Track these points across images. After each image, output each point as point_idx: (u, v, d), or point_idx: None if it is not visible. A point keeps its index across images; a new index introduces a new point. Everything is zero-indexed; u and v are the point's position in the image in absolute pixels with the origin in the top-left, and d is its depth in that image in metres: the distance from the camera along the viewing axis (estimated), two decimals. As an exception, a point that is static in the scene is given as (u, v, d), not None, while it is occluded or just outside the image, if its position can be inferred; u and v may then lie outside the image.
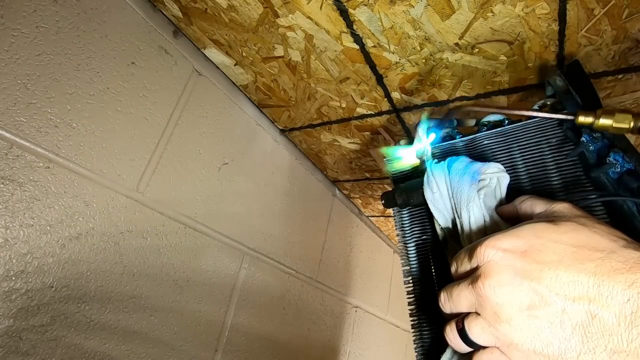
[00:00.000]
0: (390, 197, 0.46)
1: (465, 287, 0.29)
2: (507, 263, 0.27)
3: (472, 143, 0.44)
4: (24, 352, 0.43)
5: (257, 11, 0.53)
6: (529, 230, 0.28)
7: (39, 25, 0.46)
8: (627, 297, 0.23)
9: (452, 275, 0.32)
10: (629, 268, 0.24)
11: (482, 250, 0.28)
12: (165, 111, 0.60)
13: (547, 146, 0.39)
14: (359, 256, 1.17)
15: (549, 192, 0.38)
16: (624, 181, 0.35)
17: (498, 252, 0.28)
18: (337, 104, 0.69)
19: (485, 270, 0.28)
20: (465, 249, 0.31)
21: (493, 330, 0.27)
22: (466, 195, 0.36)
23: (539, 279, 0.26)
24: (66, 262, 0.47)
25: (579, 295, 0.25)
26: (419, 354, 0.42)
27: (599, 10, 0.42)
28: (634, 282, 0.23)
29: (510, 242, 0.28)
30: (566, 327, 0.25)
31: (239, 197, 0.73)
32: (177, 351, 0.59)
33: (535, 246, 0.27)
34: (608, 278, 0.24)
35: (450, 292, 0.30)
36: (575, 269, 0.25)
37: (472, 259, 0.29)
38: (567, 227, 0.27)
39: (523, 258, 0.27)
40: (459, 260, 0.31)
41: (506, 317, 0.26)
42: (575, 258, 0.26)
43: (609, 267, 0.24)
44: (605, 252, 0.25)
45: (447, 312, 0.31)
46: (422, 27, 0.48)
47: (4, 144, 0.43)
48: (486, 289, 0.27)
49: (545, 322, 0.25)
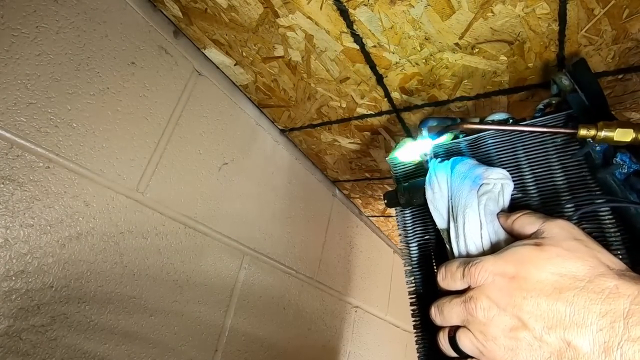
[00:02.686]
0: (393, 197, 0.46)
1: (457, 305, 0.32)
2: (497, 288, 0.29)
3: (476, 142, 0.44)
4: (24, 352, 0.43)
5: (257, 11, 0.53)
6: (516, 255, 0.30)
7: (39, 25, 0.46)
8: (599, 327, 0.25)
9: (438, 282, 0.34)
10: (603, 299, 0.25)
11: (477, 272, 0.30)
12: (166, 111, 0.60)
13: (552, 146, 0.39)
14: (359, 256, 1.17)
15: (554, 193, 0.37)
16: (631, 182, 0.34)
17: (490, 275, 0.30)
18: (337, 104, 0.69)
19: (478, 294, 0.30)
20: (459, 263, 0.33)
21: (480, 345, 0.30)
22: (464, 200, 0.35)
23: (521, 306, 0.28)
24: (66, 262, 0.47)
25: (555, 324, 0.26)
26: (421, 354, 0.41)
27: (599, 11, 0.42)
28: (607, 313, 0.25)
29: (501, 267, 0.30)
30: (544, 351, 0.27)
31: (239, 197, 0.73)
32: (177, 351, 0.59)
33: (521, 273, 0.29)
34: (583, 308, 0.26)
35: (442, 308, 0.33)
36: (554, 298, 0.27)
37: (465, 277, 0.31)
38: (551, 253, 0.29)
39: (511, 283, 0.29)
40: (449, 272, 0.33)
41: (492, 337, 0.29)
42: (555, 287, 0.27)
43: (585, 298, 0.26)
44: (584, 282, 0.27)
45: (437, 324, 0.34)
46: (422, 27, 0.48)
47: (4, 144, 0.43)
48: (478, 311, 0.30)
49: (525, 344, 0.28)
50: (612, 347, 0.24)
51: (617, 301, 0.25)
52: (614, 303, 0.25)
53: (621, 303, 0.24)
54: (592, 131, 0.36)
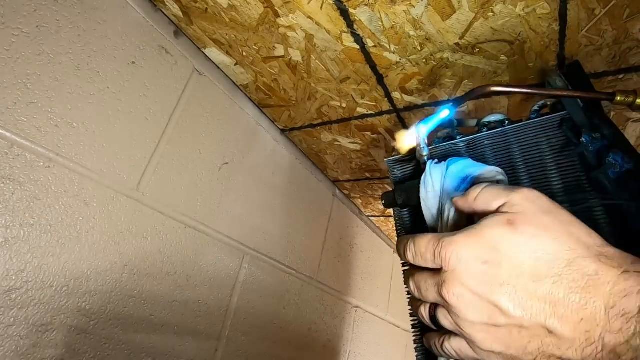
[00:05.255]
0: (391, 197, 0.46)
1: (431, 287, 0.30)
2: (471, 274, 0.28)
3: (472, 143, 0.44)
4: (24, 351, 0.43)
5: (258, 11, 0.53)
6: (489, 236, 0.28)
7: (40, 24, 0.46)
8: (580, 317, 0.24)
9: (408, 259, 0.32)
10: (582, 287, 0.24)
11: (447, 257, 0.29)
12: (166, 111, 0.60)
13: (547, 146, 0.39)
14: (359, 256, 1.17)
15: (550, 193, 0.37)
16: (623, 181, 0.35)
17: (462, 261, 0.28)
18: (338, 103, 0.69)
19: (451, 279, 0.29)
20: (428, 241, 0.31)
21: (458, 328, 0.29)
22: (452, 196, 0.36)
23: (499, 294, 0.27)
24: (66, 262, 0.47)
25: (536, 312, 0.26)
26: (419, 353, 0.42)
27: (599, 10, 0.42)
28: (587, 302, 0.24)
29: (473, 251, 0.28)
30: (524, 336, 0.26)
31: (239, 196, 0.73)
32: (177, 351, 0.59)
33: (496, 258, 0.27)
34: (564, 297, 0.25)
35: (418, 285, 0.32)
36: (533, 286, 0.26)
37: (435, 260, 0.30)
38: (526, 235, 0.27)
39: (485, 269, 0.27)
40: (419, 250, 0.31)
41: (469, 321, 0.28)
42: (532, 273, 0.26)
43: (565, 286, 0.25)
44: (562, 267, 0.26)
45: (417, 298, 0.33)
46: (422, 27, 0.48)
47: (5, 143, 0.43)
48: (451, 297, 0.28)
49: (505, 331, 0.27)
50: (594, 336, 0.23)
51: (598, 290, 0.24)
52: (594, 291, 0.24)
53: (601, 292, 0.24)
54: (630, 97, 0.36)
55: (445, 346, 0.31)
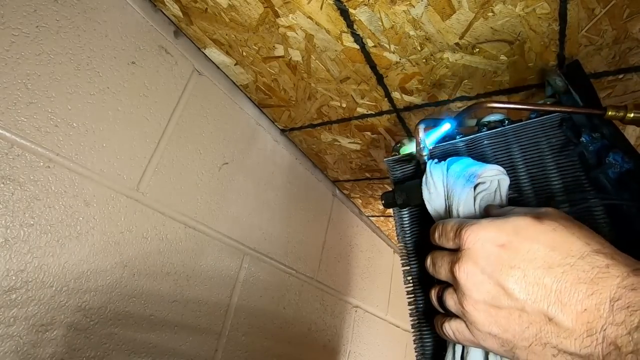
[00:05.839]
0: (390, 197, 0.46)
1: (445, 263, 0.32)
2: (485, 254, 0.29)
3: (472, 143, 0.44)
4: (24, 351, 0.43)
5: (258, 11, 0.53)
6: (512, 223, 0.29)
7: (40, 24, 0.46)
8: (584, 307, 0.24)
9: (434, 238, 0.34)
10: (591, 279, 0.25)
11: (467, 236, 0.30)
12: (166, 111, 0.60)
13: (547, 146, 0.39)
14: (359, 256, 1.17)
15: (549, 192, 0.38)
16: (623, 181, 0.35)
17: (479, 241, 0.30)
18: (338, 103, 0.69)
19: (464, 256, 0.30)
20: (454, 223, 0.33)
21: (460, 307, 0.30)
22: (457, 198, 0.36)
23: (507, 276, 0.28)
24: (66, 262, 0.47)
25: (539, 298, 0.26)
26: (419, 354, 0.42)
27: (599, 10, 0.42)
28: (593, 293, 0.24)
29: (492, 234, 0.29)
30: (524, 321, 0.27)
31: (239, 196, 0.73)
32: (177, 350, 0.59)
33: (513, 242, 0.28)
34: (571, 286, 0.25)
35: (435, 261, 0.34)
36: (543, 272, 0.27)
37: (456, 239, 0.31)
38: (548, 226, 0.28)
39: (500, 251, 0.29)
40: (445, 230, 0.33)
41: (473, 301, 0.29)
42: (545, 260, 0.27)
43: (574, 276, 0.25)
44: (575, 258, 0.26)
45: (430, 273, 0.35)
46: (422, 27, 0.48)
47: (5, 143, 0.43)
48: (460, 273, 0.30)
49: (505, 313, 0.28)
50: (596, 328, 0.24)
51: (606, 282, 0.24)
52: (602, 283, 0.24)
53: (609, 284, 0.24)
54: (621, 112, 0.36)
55: (445, 327, 0.32)
